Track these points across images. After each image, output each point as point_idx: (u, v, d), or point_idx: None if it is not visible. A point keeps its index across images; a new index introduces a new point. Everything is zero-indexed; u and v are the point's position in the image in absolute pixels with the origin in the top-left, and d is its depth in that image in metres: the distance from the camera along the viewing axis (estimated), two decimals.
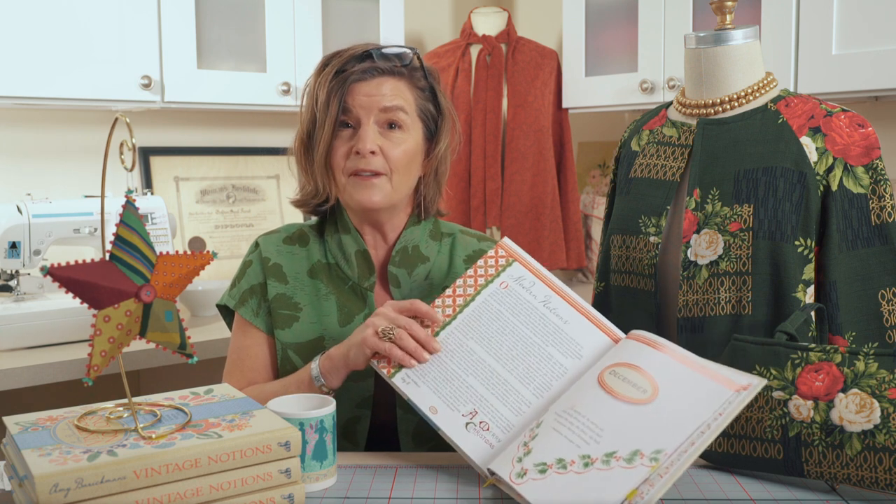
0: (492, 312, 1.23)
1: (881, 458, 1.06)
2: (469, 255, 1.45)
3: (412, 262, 1.40)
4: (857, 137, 1.36)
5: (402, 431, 1.35)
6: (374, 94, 1.32)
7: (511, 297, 1.24)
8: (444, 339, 1.22)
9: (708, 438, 0.98)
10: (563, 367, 1.17)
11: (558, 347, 1.19)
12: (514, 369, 1.18)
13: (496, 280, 1.25)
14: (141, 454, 0.93)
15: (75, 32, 2.10)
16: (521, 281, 1.24)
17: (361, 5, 2.64)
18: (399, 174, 1.34)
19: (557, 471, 1.02)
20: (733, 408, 1.01)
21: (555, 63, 2.77)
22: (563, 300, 1.23)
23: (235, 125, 2.74)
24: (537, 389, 1.16)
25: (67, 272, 0.92)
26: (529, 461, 1.05)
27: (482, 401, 1.16)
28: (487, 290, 1.25)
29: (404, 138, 1.34)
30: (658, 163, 1.48)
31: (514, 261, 1.26)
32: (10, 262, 1.95)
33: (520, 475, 1.04)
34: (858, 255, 1.35)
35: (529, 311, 1.22)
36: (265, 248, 1.43)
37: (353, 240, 1.39)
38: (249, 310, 1.40)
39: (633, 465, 0.98)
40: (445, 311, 1.24)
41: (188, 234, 2.58)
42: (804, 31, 2.08)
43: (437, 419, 1.15)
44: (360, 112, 1.32)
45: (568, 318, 1.21)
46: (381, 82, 1.33)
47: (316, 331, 1.37)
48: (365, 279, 1.39)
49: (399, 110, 1.33)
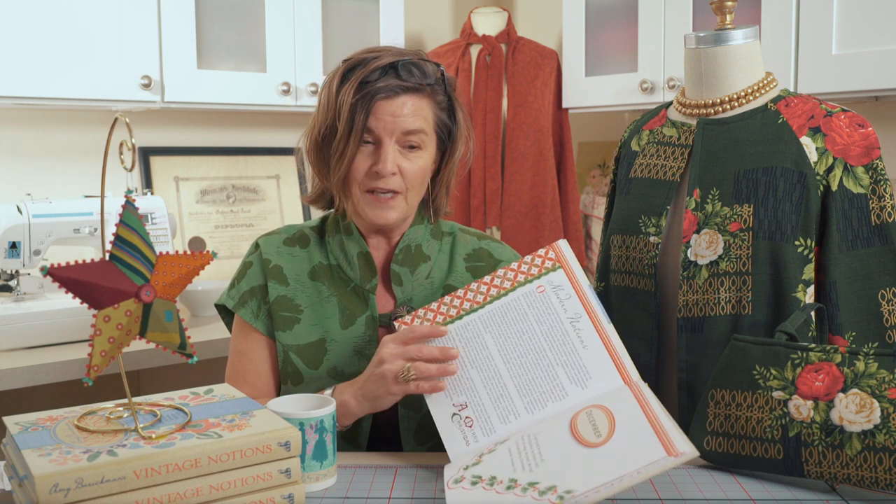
0: (518, 312, 1.20)
1: (881, 458, 1.06)
2: (469, 254, 1.45)
3: (414, 260, 1.40)
4: (857, 137, 1.36)
5: (404, 429, 1.35)
6: (398, 115, 1.31)
7: (542, 303, 1.20)
8: (464, 325, 1.21)
9: (613, 489, 0.97)
10: (563, 391, 1.15)
11: (567, 370, 1.16)
12: (517, 377, 1.17)
13: (535, 281, 1.22)
14: (141, 454, 0.93)
15: (75, 32, 2.10)
16: (559, 290, 1.20)
17: (361, 5, 2.64)
18: (413, 191, 1.35)
19: (485, 486, 1.03)
20: (654, 470, 0.98)
21: (555, 63, 2.77)
22: (591, 323, 1.18)
23: (235, 125, 2.74)
24: (530, 404, 1.15)
25: (67, 272, 0.92)
26: (472, 472, 1.06)
27: (475, 397, 1.17)
28: (523, 288, 1.22)
29: (421, 156, 1.34)
30: (658, 163, 1.48)
31: (559, 267, 1.22)
32: (10, 262, 1.95)
33: (456, 481, 1.06)
34: (858, 255, 1.35)
35: (554, 323, 1.19)
36: (265, 250, 1.43)
37: (355, 242, 1.39)
38: (249, 311, 1.40)
39: (543, 498, 0.99)
40: (477, 297, 1.22)
41: (188, 234, 2.58)
42: (804, 31, 2.08)
43: (429, 399, 1.18)
44: (382, 133, 1.31)
45: (589, 343, 1.17)
46: (405, 102, 1.31)
47: (317, 333, 1.37)
48: (367, 281, 1.38)
49: (420, 132, 1.32)
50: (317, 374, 1.35)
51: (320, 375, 1.35)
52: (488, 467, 1.06)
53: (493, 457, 1.08)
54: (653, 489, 1.12)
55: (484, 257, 1.45)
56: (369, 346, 1.35)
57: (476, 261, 1.44)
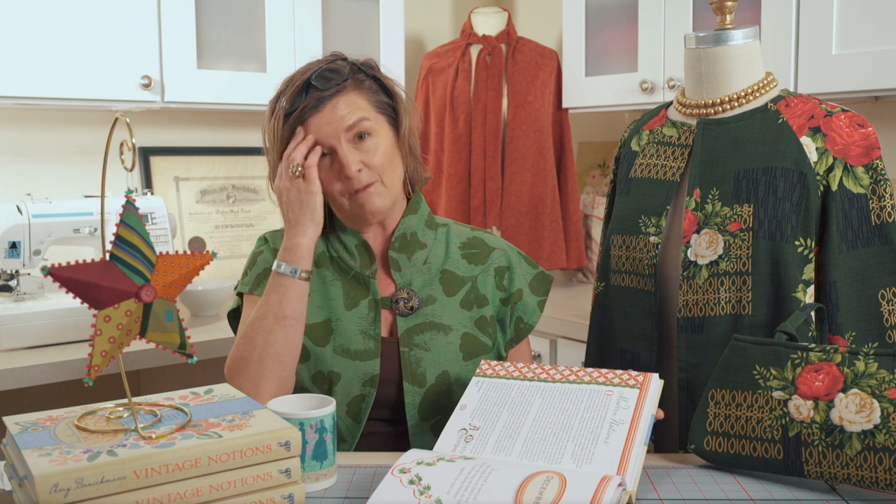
0: (576, 397, 1.21)
1: (881, 458, 1.06)
2: (464, 243, 1.49)
3: (411, 247, 1.44)
4: (857, 137, 1.36)
5: (409, 404, 1.37)
6: (333, 121, 1.36)
7: (601, 401, 1.20)
8: (531, 385, 1.24)
9: None
10: (560, 459, 1.12)
11: (576, 448, 1.13)
12: (534, 431, 1.16)
13: (610, 387, 1.23)
14: (141, 454, 0.93)
15: (75, 32, 2.10)
16: (622, 401, 1.20)
17: (361, 5, 2.64)
18: (387, 174, 1.39)
19: (416, 493, 1.03)
20: None
21: (555, 63, 2.77)
22: (626, 431, 1.15)
23: (235, 125, 2.74)
24: (524, 453, 1.13)
25: (68, 272, 0.92)
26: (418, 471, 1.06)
27: (490, 428, 1.18)
28: (596, 386, 1.23)
29: (377, 142, 1.38)
30: (658, 163, 1.48)
31: (638, 388, 1.21)
32: (10, 262, 1.95)
33: (402, 471, 1.06)
34: (858, 255, 1.35)
35: (598, 417, 1.18)
36: (273, 241, 1.48)
37: (352, 235, 1.45)
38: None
39: None
40: (556, 375, 1.26)
41: (188, 234, 2.58)
42: (804, 31, 2.08)
43: (456, 413, 1.22)
44: (329, 140, 1.36)
45: (612, 442, 1.14)
46: (334, 105, 1.37)
47: (323, 314, 1.41)
48: (367, 268, 1.43)
49: (362, 121, 1.37)
50: (323, 352, 1.38)
51: (327, 352, 1.38)
52: (433, 475, 1.05)
53: (446, 467, 1.07)
54: (653, 489, 1.12)
55: (478, 244, 1.50)
56: (373, 326, 1.40)
57: (471, 248, 1.49)
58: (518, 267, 1.49)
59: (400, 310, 1.40)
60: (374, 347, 1.38)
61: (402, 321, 1.40)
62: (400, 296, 1.41)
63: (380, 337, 1.39)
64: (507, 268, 1.48)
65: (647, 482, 1.15)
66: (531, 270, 1.50)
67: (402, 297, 1.41)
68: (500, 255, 1.49)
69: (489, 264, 1.47)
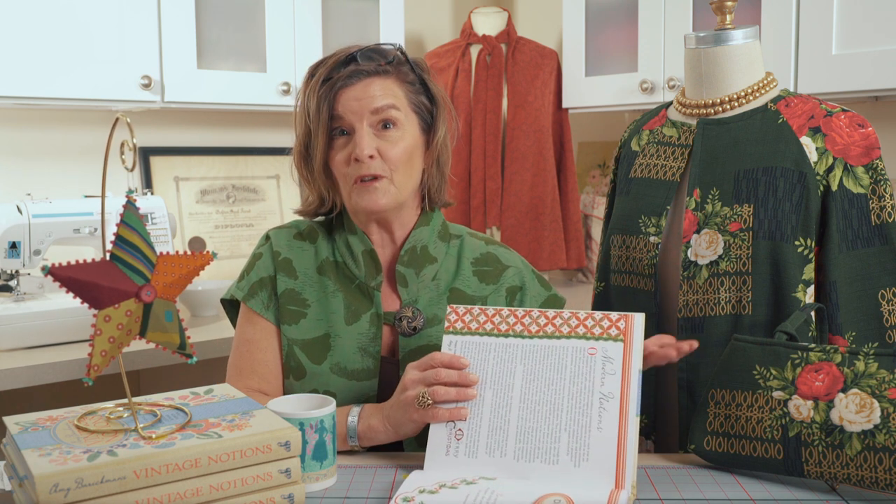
0: (560, 361, 1.16)
1: (881, 458, 1.06)
2: (477, 258, 1.43)
3: (420, 262, 1.39)
4: (857, 137, 1.36)
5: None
6: (363, 98, 1.31)
7: (586, 366, 1.15)
8: (505, 345, 1.19)
9: None
10: (556, 457, 1.11)
11: (571, 440, 1.11)
12: (524, 419, 1.14)
13: (592, 341, 1.17)
14: (141, 454, 0.93)
15: (75, 32, 2.10)
16: (607, 362, 1.15)
17: (361, 5, 2.64)
18: (400, 173, 1.33)
19: None
20: None
21: (555, 63, 2.77)
22: (618, 410, 1.12)
23: (235, 125, 2.74)
24: (521, 451, 1.12)
25: (68, 272, 0.92)
26: (422, 499, 1.05)
27: (478, 416, 1.15)
28: (578, 342, 1.17)
29: (401, 136, 1.33)
30: (658, 163, 1.48)
31: (621, 340, 1.16)
32: (10, 262, 1.95)
33: (405, 500, 1.05)
34: (858, 255, 1.35)
35: (585, 390, 1.14)
36: (276, 242, 1.43)
37: (359, 240, 1.39)
38: (259, 302, 1.40)
39: None
40: (532, 325, 1.19)
41: (188, 234, 2.58)
42: (804, 31, 2.08)
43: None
44: (351, 118, 1.31)
45: (605, 428, 1.11)
46: (369, 84, 1.32)
47: (322, 328, 1.37)
48: (372, 278, 1.38)
49: (391, 108, 1.32)
50: (319, 370, 1.35)
51: (323, 371, 1.35)
52: (439, 502, 1.04)
53: (450, 494, 1.06)
54: (653, 489, 1.12)
55: (492, 262, 1.43)
56: (373, 343, 1.35)
57: (483, 265, 1.43)
58: (531, 288, 1.44)
59: (403, 329, 1.35)
60: (372, 367, 1.34)
61: (405, 341, 1.35)
62: (404, 314, 1.36)
63: (379, 355, 1.35)
64: (521, 288, 1.42)
65: (647, 482, 1.15)
66: (544, 292, 1.45)
67: (406, 315, 1.36)
68: (513, 273, 1.43)
69: (501, 283, 1.41)
